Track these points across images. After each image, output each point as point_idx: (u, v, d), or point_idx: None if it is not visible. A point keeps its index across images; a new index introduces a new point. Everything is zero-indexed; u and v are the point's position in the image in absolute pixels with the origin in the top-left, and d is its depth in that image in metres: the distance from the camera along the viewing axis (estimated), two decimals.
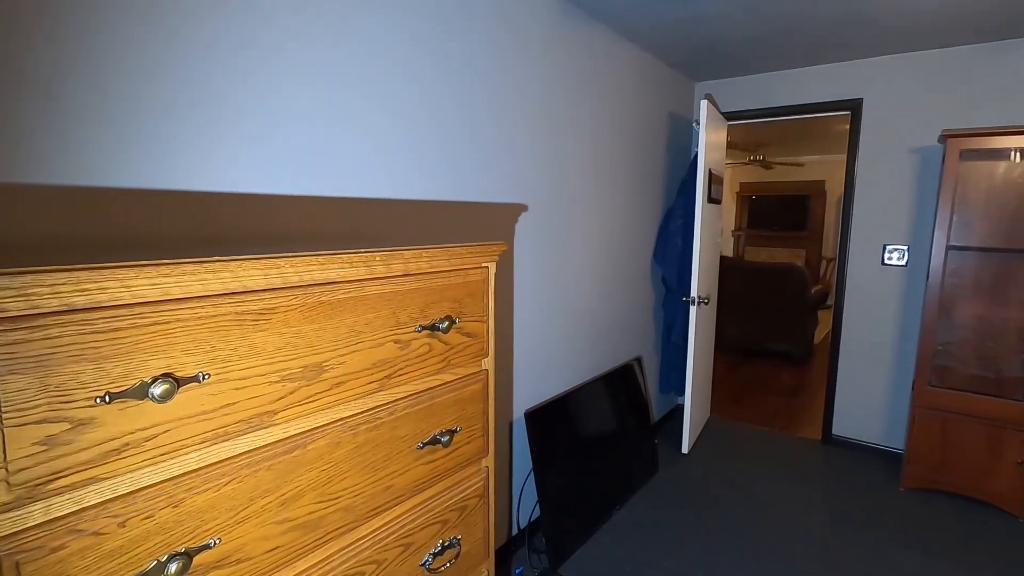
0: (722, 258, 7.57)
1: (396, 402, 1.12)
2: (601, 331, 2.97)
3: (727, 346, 5.61)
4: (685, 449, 3.31)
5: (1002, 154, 2.86)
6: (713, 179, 3.36)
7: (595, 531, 2.52)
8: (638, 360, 3.27)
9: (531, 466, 2.30)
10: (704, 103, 3.09)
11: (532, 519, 2.47)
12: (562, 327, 2.60)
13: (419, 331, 1.14)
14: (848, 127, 3.42)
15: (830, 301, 4.79)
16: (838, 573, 2.27)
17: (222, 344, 0.81)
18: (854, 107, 3.35)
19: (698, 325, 3.22)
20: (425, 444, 1.18)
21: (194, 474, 0.80)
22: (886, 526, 2.62)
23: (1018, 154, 2.83)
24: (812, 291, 5.47)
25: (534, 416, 2.29)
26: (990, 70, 2.95)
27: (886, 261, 3.32)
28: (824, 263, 8.08)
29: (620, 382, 3.01)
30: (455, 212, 1.93)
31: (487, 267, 1.31)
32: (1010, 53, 2.88)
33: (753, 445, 3.52)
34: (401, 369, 1.11)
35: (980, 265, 2.93)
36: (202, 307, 0.78)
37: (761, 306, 5.50)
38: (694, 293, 3.16)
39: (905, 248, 3.26)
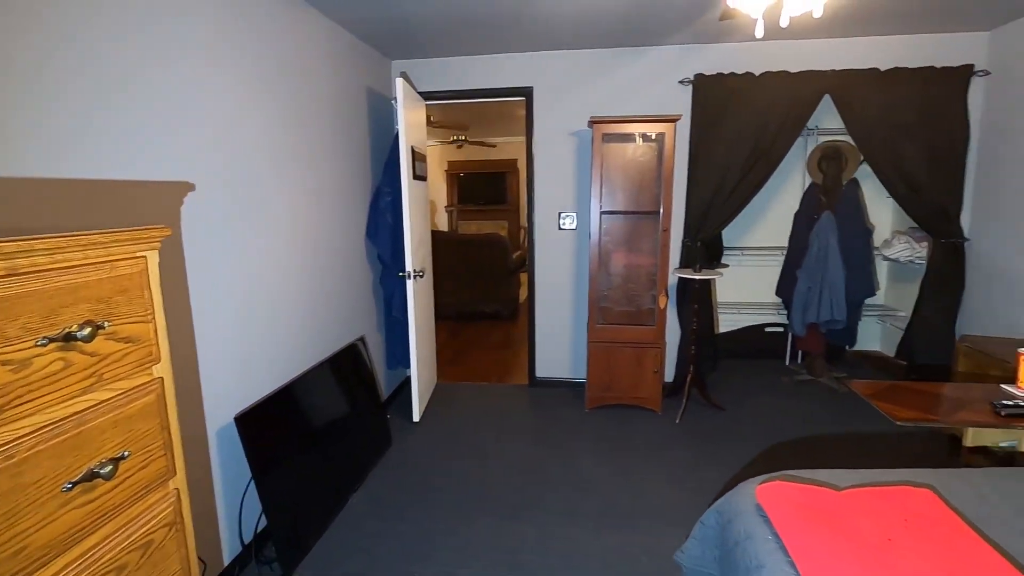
0: (438, 232, 7.99)
1: (16, 442, 0.86)
2: (317, 316, 2.84)
3: (447, 313, 6.02)
4: (416, 418, 3.46)
5: (630, 138, 3.67)
6: (417, 156, 3.48)
7: (331, 522, 2.44)
8: (361, 340, 3.24)
9: (250, 473, 2.08)
10: (400, 81, 3.15)
11: (261, 529, 2.25)
12: (267, 318, 2.39)
13: (43, 344, 0.89)
14: (524, 112, 3.93)
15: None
16: (544, 487, 2.69)
17: None
18: (527, 94, 3.86)
19: (416, 297, 3.34)
20: (76, 483, 0.94)
21: None
22: (576, 440, 3.21)
23: (640, 138, 3.67)
24: (513, 256, 6.23)
25: (246, 419, 2.07)
26: (620, 69, 3.73)
27: (562, 226, 3.98)
28: (522, 232, 9.28)
29: (344, 365, 2.94)
30: (88, 192, 1.54)
31: (145, 257, 1.10)
32: (631, 56, 3.70)
33: (475, 400, 3.88)
34: (20, 397, 0.86)
35: (622, 225, 3.74)
36: None
37: (473, 273, 6.05)
38: (409, 267, 3.27)
39: (574, 214, 3.95)
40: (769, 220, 4.35)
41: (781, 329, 4.43)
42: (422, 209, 3.67)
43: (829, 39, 3.51)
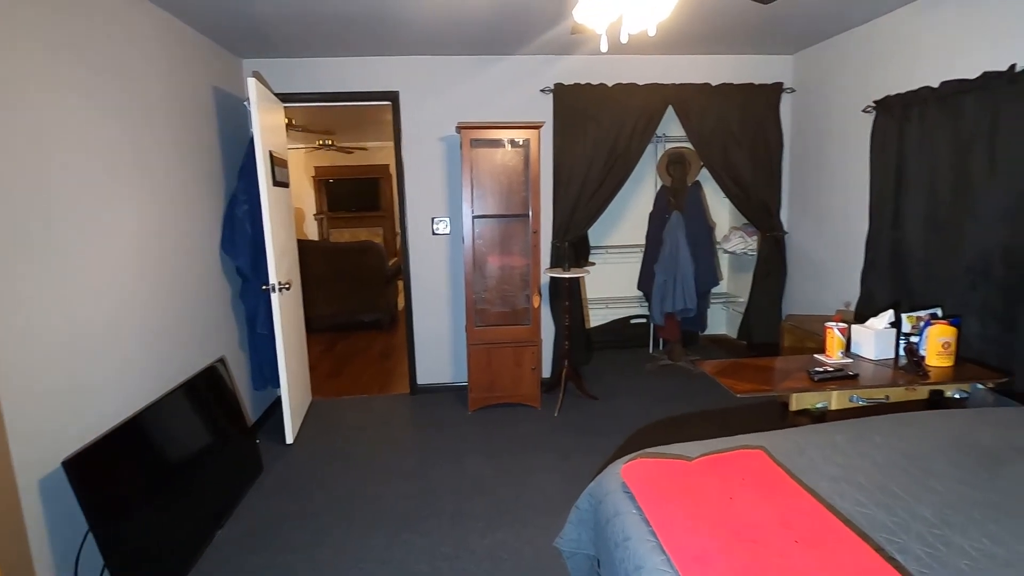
0: (307, 241, 7.57)
1: None
2: (168, 338, 2.56)
3: (322, 326, 5.74)
4: (290, 439, 3.25)
5: (499, 143, 3.76)
6: (276, 161, 3.28)
7: (194, 563, 2.21)
8: (222, 360, 2.97)
9: (87, 526, 1.82)
10: (252, 81, 2.95)
11: None
12: (103, 344, 2.10)
13: None
14: (391, 116, 3.87)
15: None
16: (432, 494, 2.67)
17: None
18: (394, 99, 3.80)
19: (283, 312, 3.14)
20: None
21: None
22: (461, 443, 3.23)
23: (509, 143, 3.77)
24: (390, 263, 6.10)
25: (78, 462, 1.80)
26: (486, 76, 3.81)
27: (436, 231, 3.97)
28: (398, 238, 9.11)
29: (203, 390, 2.68)
30: None
31: None
32: (496, 64, 3.79)
33: (355, 414, 3.74)
34: None
35: (494, 228, 3.83)
36: None
37: (348, 283, 5.82)
38: (273, 280, 3.06)
39: (447, 219, 3.96)
40: (628, 220, 4.71)
41: (644, 320, 4.82)
42: (285, 217, 3.46)
43: (671, 56, 3.89)
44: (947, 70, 2.70)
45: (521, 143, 3.64)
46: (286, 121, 5.95)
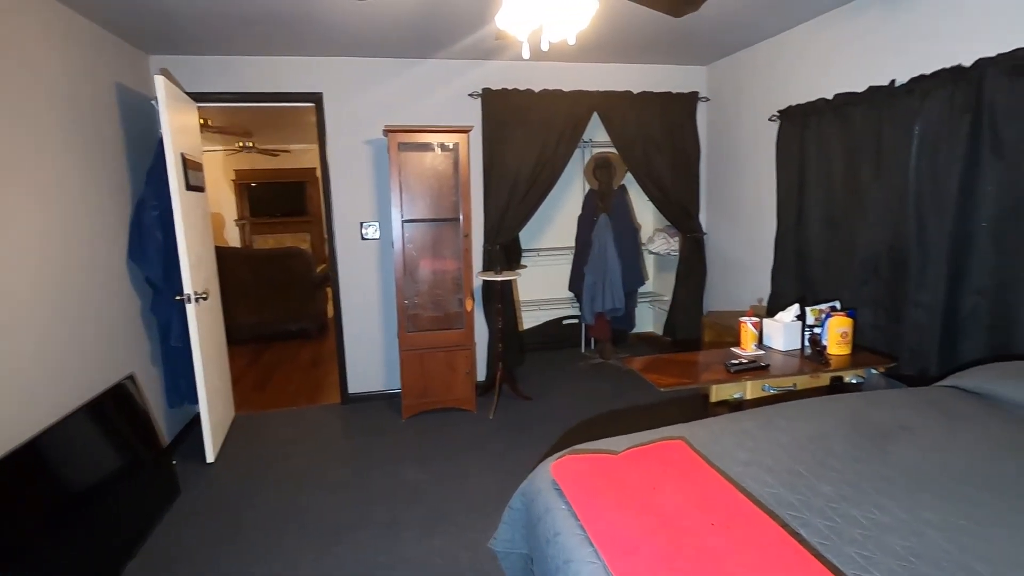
0: (228, 248, 7.21)
1: None
2: (67, 356, 2.35)
3: (246, 336, 5.47)
4: (211, 458, 3.07)
5: (428, 147, 3.73)
6: (189, 164, 3.10)
7: None
8: (131, 378, 2.77)
9: None
10: (161, 79, 2.78)
11: None
12: None
13: None
14: (316, 119, 3.75)
15: None
16: (366, 504, 2.61)
17: None
18: (317, 100, 3.69)
19: (200, 323, 2.97)
20: None
21: None
22: (395, 451, 3.17)
23: (439, 147, 3.75)
24: (318, 270, 5.90)
25: None
26: (414, 80, 3.78)
27: (365, 236, 3.89)
28: (326, 244, 8.83)
29: (109, 411, 2.49)
30: None
31: None
32: (424, 68, 3.76)
33: (283, 427, 3.59)
34: None
35: (425, 232, 3.80)
36: None
37: (274, 291, 5.59)
38: (188, 290, 2.89)
39: (377, 223, 3.89)
40: (558, 223, 4.81)
41: (576, 320, 4.93)
42: (201, 223, 3.27)
43: (595, 64, 4.01)
44: (840, 83, 2.96)
45: (451, 147, 3.63)
46: (201, 122, 5.66)
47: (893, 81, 2.63)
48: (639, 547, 1.20)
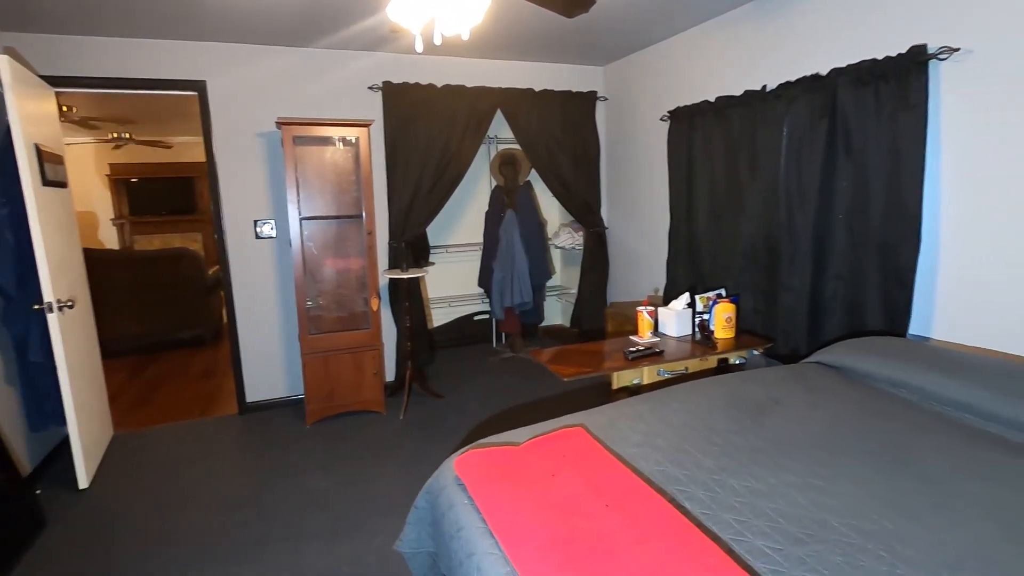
0: (104, 251, 6.53)
1: None
2: None
3: (128, 347, 4.98)
4: (84, 484, 2.76)
5: (328, 141, 3.57)
6: (46, 157, 2.76)
7: None
8: None
9: None
10: (5, 59, 2.45)
11: None
12: None
13: None
14: (199, 109, 3.48)
15: None
16: (267, 518, 2.47)
17: None
18: (200, 89, 3.42)
19: (65, 334, 2.66)
20: None
21: None
22: (299, 459, 3.03)
23: (340, 142, 3.60)
24: (210, 272, 5.49)
25: None
26: (311, 71, 3.60)
27: (260, 235, 3.67)
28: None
29: None
30: None
31: None
32: (321, 59, 3.59)
33: (172, 444, 3.31)
34: None
35: (326, 230, 3.64)
36: None
37: (161, 296, 5.12)
38: (49, 297, 2.57)
39: (273, 221, 3.68)
40: (466, 219, 4.81)
41: (487, 316, 4.96)
42: (63, 222, 2.93)
43: (497, 60, 4.04)
44: (721, 87, 3.19)
45: (353, 141, 3.50)
46: (64, 109, 5.06)
47: (765, 86, 2.87)
48: (536, 533, 1.23)
